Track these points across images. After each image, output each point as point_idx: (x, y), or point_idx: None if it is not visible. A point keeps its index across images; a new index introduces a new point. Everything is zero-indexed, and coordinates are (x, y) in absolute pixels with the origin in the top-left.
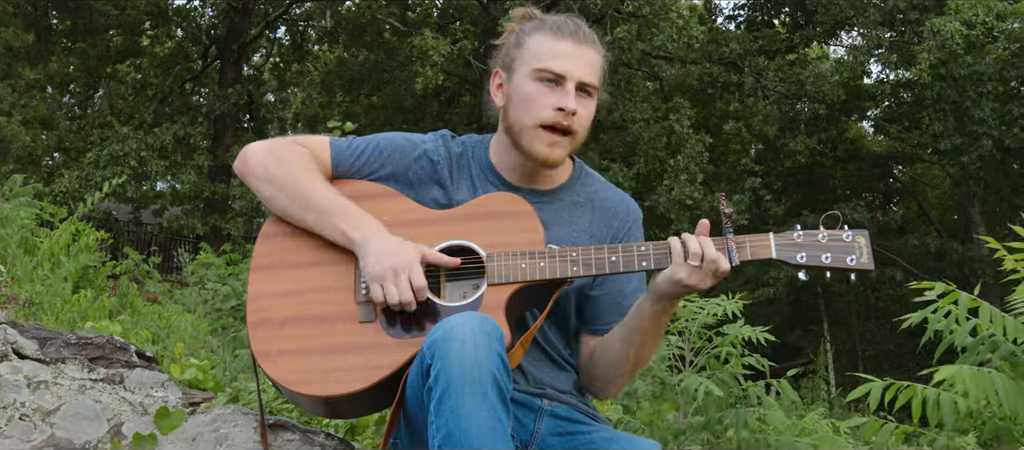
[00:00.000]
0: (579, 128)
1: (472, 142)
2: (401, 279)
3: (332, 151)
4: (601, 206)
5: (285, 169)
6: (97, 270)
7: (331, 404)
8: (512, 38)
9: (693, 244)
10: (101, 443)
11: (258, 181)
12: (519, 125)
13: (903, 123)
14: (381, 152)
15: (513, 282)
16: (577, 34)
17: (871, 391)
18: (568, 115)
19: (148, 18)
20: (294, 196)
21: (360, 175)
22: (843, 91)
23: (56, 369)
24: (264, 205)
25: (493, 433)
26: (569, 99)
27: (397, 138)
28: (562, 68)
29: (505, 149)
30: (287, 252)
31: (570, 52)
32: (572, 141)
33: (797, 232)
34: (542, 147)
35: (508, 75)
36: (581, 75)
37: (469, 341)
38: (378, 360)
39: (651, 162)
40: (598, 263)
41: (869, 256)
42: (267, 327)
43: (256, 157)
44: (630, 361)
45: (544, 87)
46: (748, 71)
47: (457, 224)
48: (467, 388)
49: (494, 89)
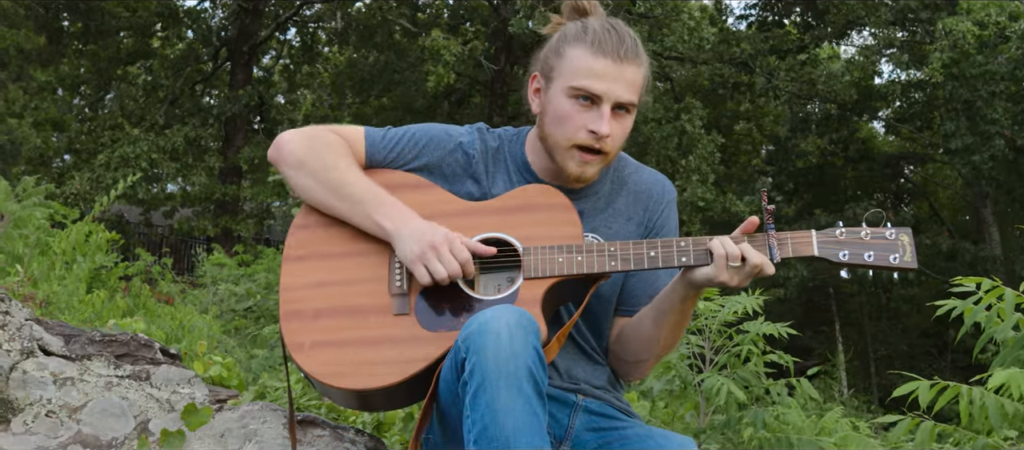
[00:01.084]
0: (612, 148)
1: (508, 135)
2: (443, 253)
3: (367, 140)
4: (635, 188)
5: (318, 157)
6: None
7: (364, 397)
8: (554, 41)
9: (733, 249)
10: (128, 440)
11: (291, 169)
12: (553, 141)
13: (915, 123)
14: (417, 143)
15: (550, 276)
16: (619, 51)
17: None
18: (602, 139)
19: (159, 20)
20: (327, 185)
21: (395, 165)
22: (854, 91)
23: (82, 366)
24: (293, 196)
25: (529, 428)
26: (603, 124)
27: (433, 129)
28: (598, 89)
29: (539, 152)
30: (320, 242)
31: (609, 72)
32: (605, 159)
33: (840, 229)
34: (574, 166)
35: (546, 84)
36: (618, 95)
37: (504, 334)
38: (413, 353)
39: (662, 163)
40: (636, 259)
41: (913, 254)
42: (300, 319)
43: (290, 145)
44: (659, 344)
45: (579, 106)
46: (759, 71)
47: (492, 216)
48: (503, 382)
49: (531, 93)
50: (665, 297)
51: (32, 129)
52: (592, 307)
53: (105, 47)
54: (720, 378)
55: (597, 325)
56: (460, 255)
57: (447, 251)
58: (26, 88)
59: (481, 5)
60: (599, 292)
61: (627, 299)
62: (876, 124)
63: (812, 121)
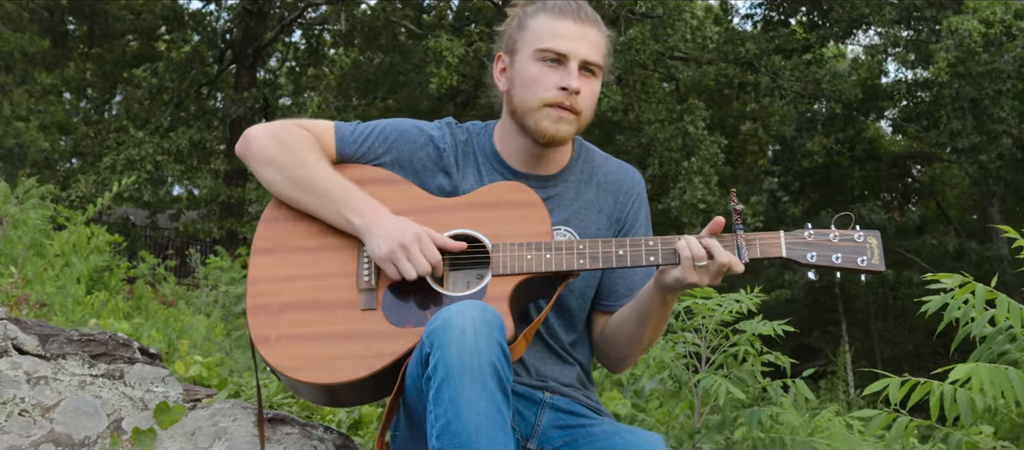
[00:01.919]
0: (584, 107)
1: (476, 129)
2: (413, 251)
3: (337, 135)
4: (605, 180)
5: (287, 152)
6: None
7: (330, 392)
8: (515, 21)
9: (699, 249)
10: (101, 438)
11: (259, 164)
12: (524, 107)
13: (921, 122)
14: (387, 137)
15: (518, 273)
16: (579, 14)
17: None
18: (571, 94)
19: (164, 23)
20: (296, 180)
21: (364, 160)
22: (860, 90)
23: (56, 365)
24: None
25: (492, 423)
26: (572, 78)
27: (403, 123)
28: (564, 47)
29: (509, 134)
30: (289, 236)
31: (572, 32)
32: (578, 120)
33: (808, 231)
34: (549, 124)
35: (511, 58)
36: (584, 54)
37: (469, 330)
38: (379, 348)
39: (666, 164)
40: (605, 258)
41: (880, 257)
42: (266, 312)
43: (259, 141)
44: (642, 342)
45: (547, 67)
46: (764, 71)
47: (463, 212)
48: (466, 377)
49: (497, 73)
50: (644, 301)
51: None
52: (564, 305)
53: (110, 50)
54: (718, 378)
55: (568, 323)
56: (430, 254)
57: (417, 250)
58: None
59: (486, 6)
60: (571, 290)
61: (606, 295)
62: (883, 123)
63: (818, 121)
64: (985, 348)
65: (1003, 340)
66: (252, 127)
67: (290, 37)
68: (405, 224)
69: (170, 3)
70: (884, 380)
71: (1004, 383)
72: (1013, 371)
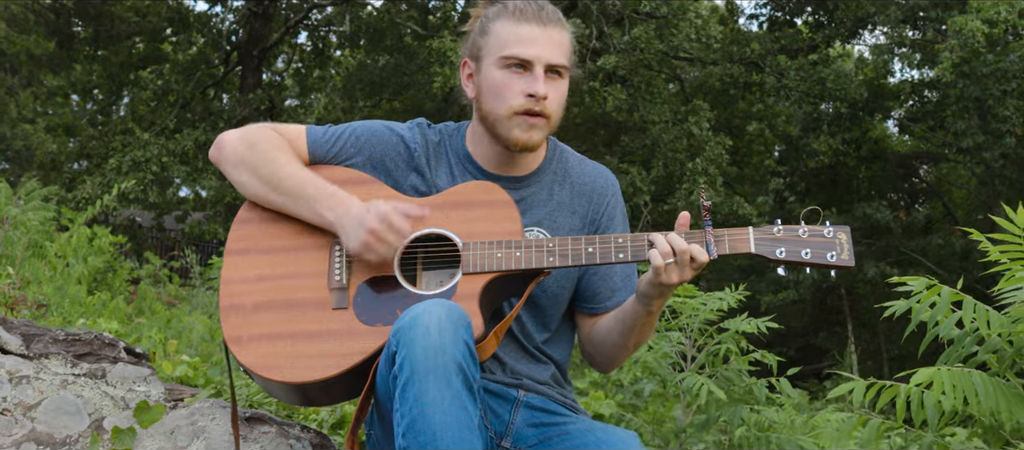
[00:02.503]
0: (553, 111)
1: (449, 130)
2: (382, 234)
3: (308, 137)
4: (579, 182)
5: (259, 154)
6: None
7: (302, 391)
8: (477, 25)
9: (665, 245)
10: (82, 437)
11: (232, 167)
12: (493, 115)
13: (927, 122)
14: (358, 139)
15: (488, 272)
16: (540, 15)
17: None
18: (539, 100)
19: (169, 24)
20: (267, 180)
21: (336, 161)
22: (865, 90)
23: (39, 364)
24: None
25: (457, 421)
26: (538, 85)
27: (375, 125)
28: (528, 53)
29: (480, 138)
30: (262, 237)
31: (535, 35)
32: (548, 123)
33: (777, 227)
34: (520, 132)
35: (477, 65)
36: (548, 57)
37: (434, 328)
38: (350, 347)
39: (671, 165)
40: (575, 255)
41: (850, 253)
42: (239, 312)
43: (231, 145)
44: (628, 348)
45: (512, 74)
46: (769, 71)
47: (434, 212)
48: (431, 376)
49: (464, 80)
50: (628, 312)
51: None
52: (536, 304)
53: (116, 52)
54: (700, 377)
55: (541, 322)
56: (400, 227)
57: (385, 230)
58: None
59: None
60: (544, 290)
61: (589, 298)
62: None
63: (824, 121)
64: (953, 350)
65: (970, 342)
66: (225, 133)
67: (296, 39)
68: (371, 206)
69: (176, 5)
70: (850, 383)
71: (968, 387)
72: (977, 374)
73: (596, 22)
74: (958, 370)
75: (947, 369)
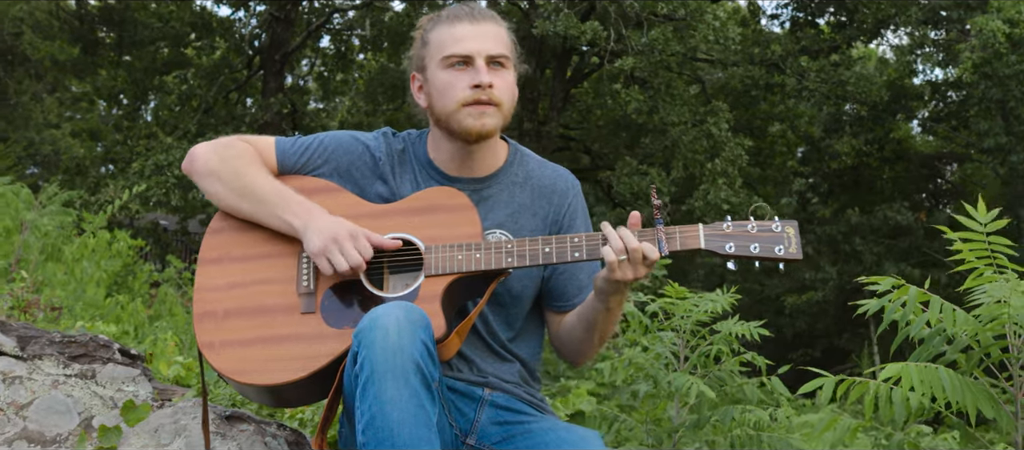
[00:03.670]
0: (502, 99)
1: (412, 138)
2: (345, 246)
3: (277, 148)
4: (539, 184)
5: (228, 165)
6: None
7: (275, 393)
8: (418, 41)
9: (618, 242)
10: (72, 435)
11: (202, 178)
12: (445, 113)
13: (950, 122)
14: (325, 149)
15: (449, 273)
16: (472, 14)
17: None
18: (485, 88)
19: (192, 30)
20: (236, 189)
21: (305, 171)
22: (886, 91)
23: (32, 365)
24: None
25: (414, 419)
26: (481, 74)
27: (341, 135)
28: (466, 49)
29: (439, 142)
30: (234, 246)
31: (469, 32)
32: (499, 111)
33: (727, 223)
34: (471, 121)
35: (424, 75)
36: (487, 50)
37: (392, 329)
38: (318, 349)
39: (690, 166)
40: (532, 255)
41: (797, 246)
42: (211, 319)
43: (202, 156)
44: (593, 342)
45: (456, 72)
46: (790, 72)
47: (398, 218)
48: (389, 375)
49: (416, 93)
50: (588, 308)
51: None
52: (501, 304)
53: (140, 58)
54: (690, 377)
55: (506, 322)
56: (363, 249)
57: (350, 245)
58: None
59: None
60: (509, 290)
61: (557, 296)
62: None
63: (846, 122)
64: (923, 350)
65: (939, 342)
66: (197, 145)
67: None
68: (340, 222)
69: (199, 10)
70: (820, 379)
71: (935, 383)
72: (944, 370)
73: (614, 25)
74: (925, 366)
75: (915, 365)
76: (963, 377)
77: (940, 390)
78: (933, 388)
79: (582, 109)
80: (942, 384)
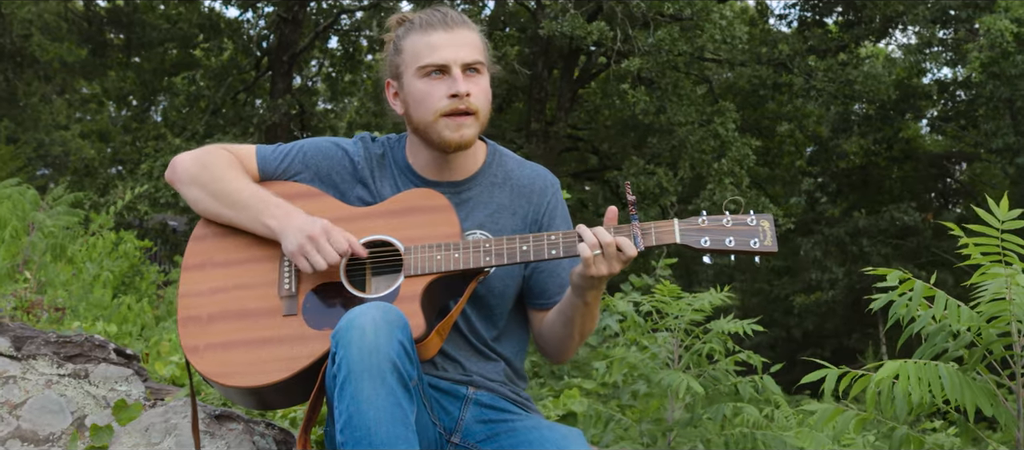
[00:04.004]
0: (479, 106)
1: (392, 142)
2: (321, 243)
3: (258, 156)
4: (518, 184)
5: (208, 172)
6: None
7: (258, 395)
8: (391, 47)
9: (592, 237)
10: (65, 434)
11: (184, 185)
12: (423, 123)
13: (959, 122)
14: (305, 155)
15: (428, 273)
16: (446, 21)
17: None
18: (463, 98)
19: (200, 31)
20: (217, 196)
21: (285, 177)
22: (893, 90)
23: (26, 365)
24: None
25: (392, 417)
26: (458, 84)
27: (321, 141)
28: (441, 58)
29: (417, 148)
30: (216, 251)
31: (444, 41)
32: (476, 120)
33: (702, 217)
34: (450, 133)
35: (398, 82)
36: (462, 57)
37: (369, 329)
38: (299, 351)
39: (697, 166)
40: (510, 253)
41: (773, 239)
42: (195, 323)
43: (183, 165)
44: (574, 338)
45: (432, 81)
46: (797, 71)
47: (378, 220)
48: (366, 374)
49: (391, 99)
50: (566, 303)
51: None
52: (484, 303)
53: (149, 59)
54: (682, 375)
55: (489, 321)
56: (338, 244)
57: (325, 241)
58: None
59: (520, 11)
60: (491, 289)
61: (539, 294)
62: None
63: (854, 122)
64: (928, 345)
65: (944, 338)
66: (178, 154)
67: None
68: (315, 220)
69: (207, 12)
70: (822, 371)
71: (934, 380)
72: (943, 367)
73: (621, 25)
74: (924, 363)
75: (913, 362)
76: (963, 374)
77: (938, 388)
78: (932, 385)
79: (590, 109)
80: (941, 382)
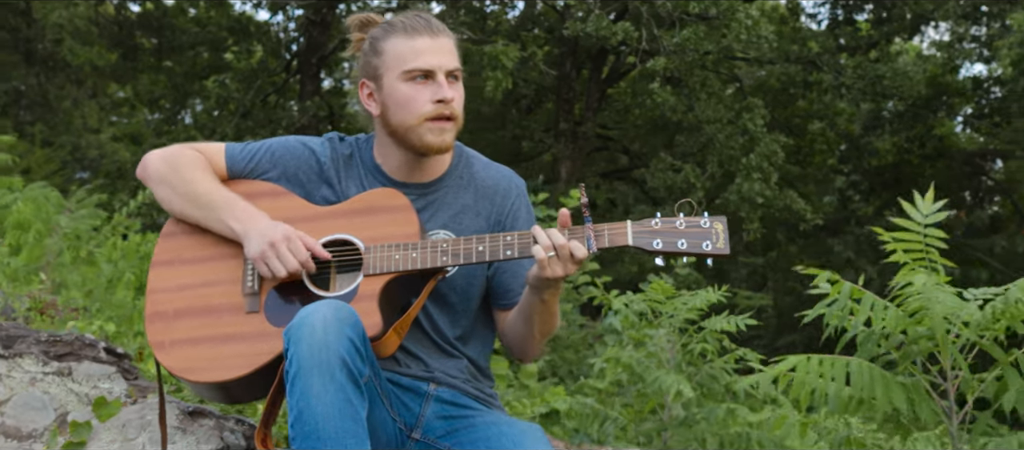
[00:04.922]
0: (459, 112)
1: (360, 142)
2: (282, 250)
3: (226, 154)
4: (483, 185)
5: (177, 171)
6: None
7: (225, 390)
8: (365, 47)
9: (546, 239)
10: (46, 431)
11: (154, 184)
12: (404, 126)
13: (994, 119)
14: (272, 154)
15: (386, 272)
16: (430, 27)
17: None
18: (448, 103)
19: (230, 35)
20: (184, 195)
21: (253, 176)
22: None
23: (11, 363)
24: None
25: (340, 412)
26: (444, 90)
27: (289, 140)
28: (429, 64)
29: (388, 150)
30: (184, 249)
31: (430, 47)
32: (456, 125)
33: (656, 219)
34: (433, 137)
35: (376, 84)
36: (447, 64)
37: (319, 326)
38: (260, 347)
39: (726, 163)
40: (466, 253)
41: (725, 241)
42: (161, 319)
43: (154, 163)
44: (535, 337)
45: (417, 85)
46: (827, 69)
47: (340, 219)
48: (315, 371)
49: (365, 99)
50: (525, 302)
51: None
52: (446, 302)
53: (180, 63)
54: (673, 376)
55: (452, 319)
56: (298, 252)
57: (285, 248)
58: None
59: (548, 12)
60: (453, 288)
61: (502, 293)
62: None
63: (885, 119)
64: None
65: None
66: (149, 152)
67: None
68: (277, 226)
69: (236, 15)
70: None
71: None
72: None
73: (646, 25)
74: (831, 358)
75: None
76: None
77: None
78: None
79: (620, 109)
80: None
